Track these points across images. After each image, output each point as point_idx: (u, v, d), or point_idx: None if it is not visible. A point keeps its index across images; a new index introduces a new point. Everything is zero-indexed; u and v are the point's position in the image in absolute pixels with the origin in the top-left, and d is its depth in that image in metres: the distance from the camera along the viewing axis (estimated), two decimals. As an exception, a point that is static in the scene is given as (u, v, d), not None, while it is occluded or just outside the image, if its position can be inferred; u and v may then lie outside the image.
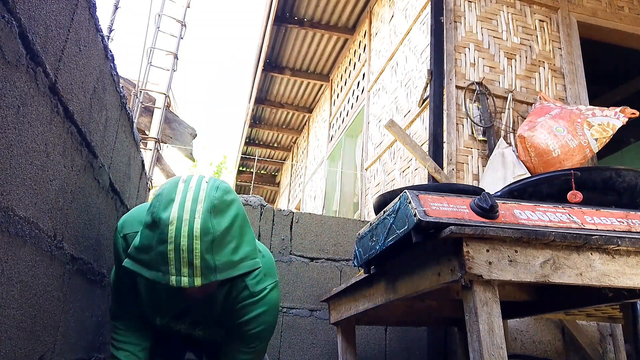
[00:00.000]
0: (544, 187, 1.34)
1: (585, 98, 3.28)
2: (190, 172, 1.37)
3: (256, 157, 9.33)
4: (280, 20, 5.61)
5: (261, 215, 2.52)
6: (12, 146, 0.81)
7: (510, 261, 1.01)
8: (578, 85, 3.30)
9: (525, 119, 2.98)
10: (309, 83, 6.94)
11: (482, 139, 2.95)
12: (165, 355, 1.59)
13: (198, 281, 1.02)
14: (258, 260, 1.16)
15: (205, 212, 1.03)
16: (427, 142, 2.98)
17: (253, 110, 7.69)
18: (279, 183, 10.49)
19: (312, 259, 2.52)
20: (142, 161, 2.40)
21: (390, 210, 1.17)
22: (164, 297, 1.28)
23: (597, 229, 1.08)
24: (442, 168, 2.81)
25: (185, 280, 1.01)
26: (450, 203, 1.06)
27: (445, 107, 2.97)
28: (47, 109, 0.96)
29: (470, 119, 2.97)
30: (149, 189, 3.13)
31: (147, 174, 2.68)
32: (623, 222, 1.12)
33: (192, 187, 1.06)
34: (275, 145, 9.32)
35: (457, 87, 3.04)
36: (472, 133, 2.96)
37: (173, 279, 1.00)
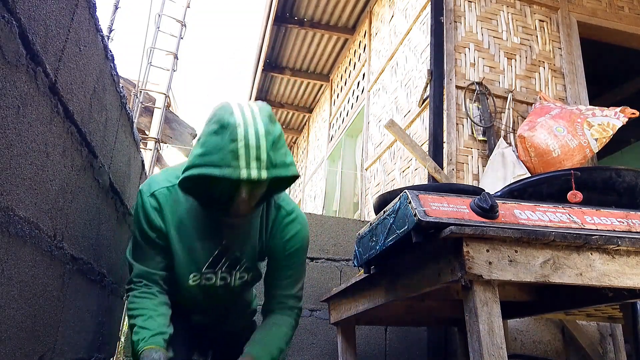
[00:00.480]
0: (544, 187, 1.34)
1: (585, 98, 3.28)
2: None
3: (256, 157, 9.30)
4: (280, 20, 5.61)
5: (261, 215, 2.52)
6: (12, 146, 0.81)
7: (510, 261, 1.01)
8: (578, 85, 3.30)
9: (525, 119, 2.98)
10: (309, 83, 6.94)
11: (482, 139, 2.95)
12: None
13: (264, 174, 1.13)
14: (299, 172, 1.32)
15: (264, 117, 1.17)
16: (427, 142, 2.98)
17: (253, 110, 7.67)
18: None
19: (312, 259, 2.52)
20: (142, 161, 2.40)
21: (390, 210, 1.17)
22: (208, 231, 1.33)
23: (597, 229, 1.08)
24: (442, 168, 2.81)
25: (254, 173, 1.12)
26: (450, 203, 1.06)
27: (445, 107, 2.97)
28: (47, 109, 0.96)
29: (470, 119, 2.97)
30: (149, 189, 3.13)
31: (147, 174, 2.68)
32: (623, 222, 1.12)
33: (245, 104, 1.21)
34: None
35: (457, 87, 3.04)
36: (472, 133, 2.96)
37: (244, 172, 1.11)
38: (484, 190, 1.19)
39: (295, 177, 1.22)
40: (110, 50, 1.41)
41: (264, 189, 1.24)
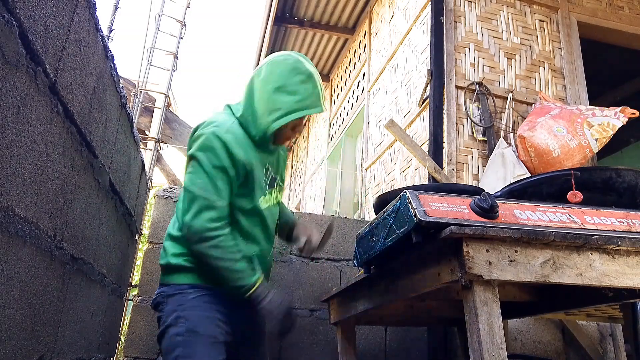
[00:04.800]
0: (544, 187, 1.34)
1: (585, 98, 3.28)
2: None
3: (256, 157, 9.31)
4: (280, 20, 5.61)
5: (261, 215, 2.52)
6: (12, 146, 0.81)
7: (510, 261, 1.01)
8: (578, 85, 3.30)
9: (525, 119, 2.98)
10: (308, 83, 6.94)
11: (482, 139, 2.95)
12: None
13: (326, 106, 1.60)
14: None
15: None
16: (427, 142, 2.98)
17: (253, 110, 7.68)
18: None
19: (312, 259, 2.52)
20: (142, 161, 2.40)
21: (390, 210, 1.17)
22: (259, 158, 1.48)
23: (597, 229, 1.08)
24: (442, 168, 2.81)
25: (325, 105, 1.55)
26: (450, 203, 1.06)
27: (445, 107, 2.97)
28: (47, 109, 0.96)
29: (470, 119, 2.97)
30: (149, 189, 3.13)
31: (147, 174, 2.68)
32: (623, 222, 1.12)
33: (295, 54, 1.52)
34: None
35: (457, 87, 3.04)
36: (472, 133, 2.96)
37: (323, 107, 1.48)
38: (484, 190, 1.19)
39: None
40: (110, 50, 1.41)
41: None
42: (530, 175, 2.62)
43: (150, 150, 4.15)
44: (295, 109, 1.43)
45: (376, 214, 1.43)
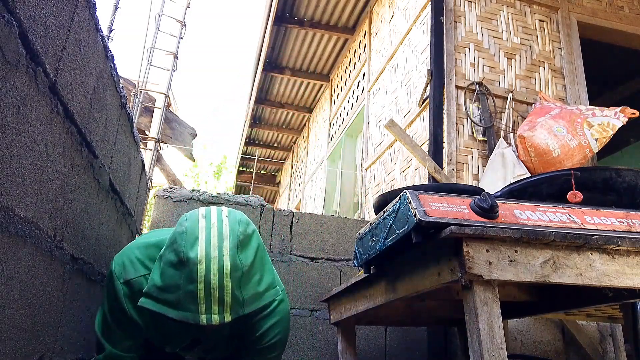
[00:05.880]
0: (544, 187, 1.34)
1: (585, 98, 3.28)
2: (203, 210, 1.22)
3: (256, 157, 9.32)
4: (280, 20, 5.61)
5: (261, 215, 2.52)
6: (12, 146, 0.81)
7: (510, 261, 1.01)
8: (578, 85, 3.30)
9: (525, 119, 2.98)
10: (309, 83, 6.95)
11: (482, 139, 2.95)
12: None
13: (228, 317, 1.01)
14: (278, 288, 1.18)
15: (232, 248, 1.03)
16: (427, 142, 2.98)
17: (253, 110, 7.69)
18: (279, 183, 10.49)
19: (312, 259, 2.52)
20: (142, 161, 2.40)
21: (390, 210, 1.17)
22: (176, 331, 1.25)
23: (597, 229, 1.08)
24: (442, 168, 2.81)
25: (216, 318, 1.00)
26: (450, 203, 1.06)
27: (445, 107, 2.97)
28: (47, 109, 0.96)
29: (470, 119, 2.97)
30: (149, 189, 3.13)
31: (147, 174, 2.68)
32: (623, 222, 1.12)
33: (215, 223, 1.06)
34: (275, 145, 9.33)
35: (457, 87, 3.04)
36: (472, 133, 2.96)
37: (203, 317, 0.99)
38: (484, 190, 1.19)
39: (269, 303, 1.13)
40: (110, 50, 1.41)
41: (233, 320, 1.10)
42: (530, 175, 2.62)
43: (150, 150, 4.15)
44: (153, 295, 1.07)
45: (376, 214, 1.43)
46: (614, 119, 2.72)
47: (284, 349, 1.39)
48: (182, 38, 4.63)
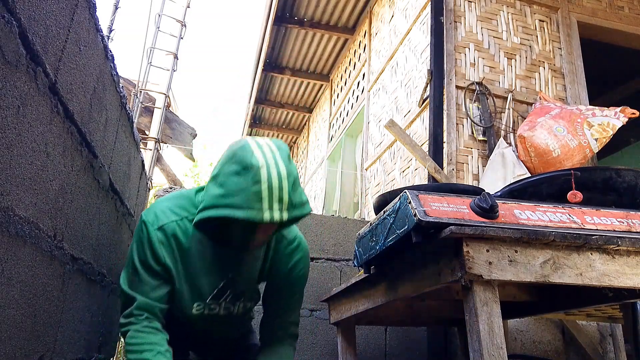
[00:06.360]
0: (544, 187, 1.34)
1: (585, 98, 3.28)
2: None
3: (256, 157, 9.30)
4: (280, 20, 5.61)
5: (261, 215, 2.52)
6: (12, 146, 0.81)
7: (510, 261, 1.01)
8: (578, 85, 3.30)
9: (525, 119, 2.98)
10: (309, 83, 6.95)
11: (482, 139, 2.95)
12: None
13: (285, 215, 1.14)
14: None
15: (284, 159, 1.18)
16: (427, 142, 2.98)
17: (253, 110, 7.69)
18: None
19: (312, 259, 2.52)
20: (142, 161, 2.40)
21: (390, 210, 1.17)
22: (211, 268, 1.32)
23: (597, 229, 1.08)
24: (442, 168, 2.81)
25: (276, 215, 1.12)
26: (450, 203, 1.06)
27: (445, 107, 2.97)
28: (47, 109, 0.96)
29: (470, 119, 2.97)
30: (149, 189, 3.13)
31: (147, 174, 2.68)
32: (623, 222, 1.12)
33: (264, 143, 1.20)
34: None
35: (457, 87, 3.04)
36: (472, 133, 2.96)
37: (267, 214, 1.11)
38: (484, 190, 1.19)
39: (309, 214, 1.25)
40: (110, 50, 1.41)
41: (272, 233, 1.28)
42: (530, 175, 2.62)
43: (150, 150, 4.15)
44: (215, 204, 1.15)
45: (376, 214, 1.43)
46: (614, 119, 2.72)
47: (304, 286, 1.51)
48: (182, 38, 4.63)
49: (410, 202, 1.05)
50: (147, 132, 4.56)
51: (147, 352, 1.22)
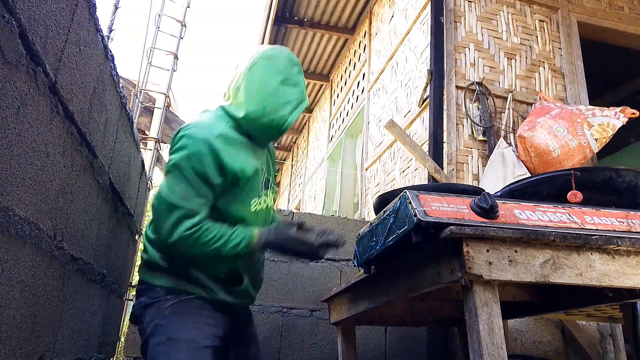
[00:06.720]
0: (544, 187, 1.34)
1: (585, 98, 3.28)
2: None
3: (256, 157, 9.30)
4: (280, 20, 5.61)
5: (261, 215, 2.52)
6: (12, 146, 0.81)
7: (510, 261, 1.01)
8: (578, 85, 3.30)
9: (525, 119, 2.98)
10: (309, 83, 6.95)
11: (482, 139, 2.95)
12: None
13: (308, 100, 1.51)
14: None
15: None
16: (427, 142, 2.98)
17: (253, 110, 7.67)
18: (278, 183, 10.49)
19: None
20: (142, 161, 2.40)
21: (390, 210, 1.17)
22: (252, 159, 1.43)
23: (597, 229, 1.08)
24: (442, 168, 2.81)
25: (305, 92, 1.48)
26: (450, 203, 1.06)
27: (445, 107, 2.97)
28: (47, 109, 0.96)
29: (470, 119, 2.97)
30: (149, 189, 3.13)
31: (147, 174, 2.68)
32: (623, 222, 1.12)
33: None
34: (275, 145, 9.33)
35: (457, 87, 3.04)
36: (472, 133, 2.96)
37: (305, 93, 1.46)
38: (484, 190, 1.19)
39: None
40: (110, 50, 1.41)
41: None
42: (530, 175, 2.62)
43: (150, 150, 4.15)
44: (300, 100, 1.43)
45: (376, 214, 1.43)
46: (614, 119, 2.72)
47: None
48: (182, 38, 4.62)
49: (410, 202, 1.05)
50: (147, 132, 4.56)
51: (229, 228, 1.30)
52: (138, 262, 3.24)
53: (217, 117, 1.40)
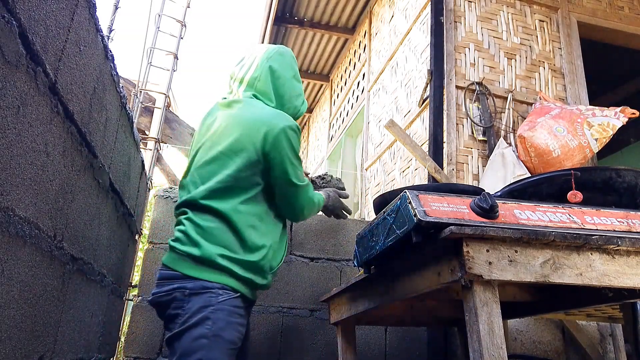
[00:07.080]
0: (544, 187, 1.34)
1: (585, 98, 3.28)
2: None
3: (256, 157, 9.30)
4: (280, 20, 5.61)
5: (261, 215, 2.52)
6: (12, 146, 0.81)
7: (510, 261, 1.01)
8: (578, 85, 3.30)
9: (525, 119, 2.98)
10: (309, 83, 6.95)
11: (482, 139, 2.95)
12: None
13: None
14: None
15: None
16: (427, 142, 2.98)
17: (253, 110, 7.68)
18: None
19: (312, 259, 2.52)
20: (142, 161, 2.40)
21: (390, 210, 1.17)
22: None
23: (597, 229, 1.08)
24: (442, 168, 2.81)
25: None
26: (450, 203, 1.06)
27: (445, 107, 2.97)
28: (47, 109, 0.96)
29: (470, 119, 2.97)
30: (149, 189, 3.13)
31: (147, 174, 2.68)
32: (623, 222, 1.12)
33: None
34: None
35: (457, 87, 3.04)
36: (472, 133, 2.96)
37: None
38: (484, 190, 1.19)
39: None
40: (110, 50, 1.41)
41: None
42: (530, 175, 2.62)
43: (150, 150, 4.15)
44: (303, 96, 1.61)
45: (376, 214, 1.43)
46: (614, 119, 2.72)
47: None
48: (182, 38, 4.62)
49: (410, 202, 1.05)
50: (147, 132, 4.55)
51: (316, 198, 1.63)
52: (138, 263, 3.24)
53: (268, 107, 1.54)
